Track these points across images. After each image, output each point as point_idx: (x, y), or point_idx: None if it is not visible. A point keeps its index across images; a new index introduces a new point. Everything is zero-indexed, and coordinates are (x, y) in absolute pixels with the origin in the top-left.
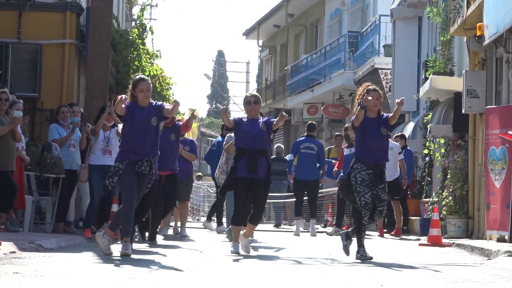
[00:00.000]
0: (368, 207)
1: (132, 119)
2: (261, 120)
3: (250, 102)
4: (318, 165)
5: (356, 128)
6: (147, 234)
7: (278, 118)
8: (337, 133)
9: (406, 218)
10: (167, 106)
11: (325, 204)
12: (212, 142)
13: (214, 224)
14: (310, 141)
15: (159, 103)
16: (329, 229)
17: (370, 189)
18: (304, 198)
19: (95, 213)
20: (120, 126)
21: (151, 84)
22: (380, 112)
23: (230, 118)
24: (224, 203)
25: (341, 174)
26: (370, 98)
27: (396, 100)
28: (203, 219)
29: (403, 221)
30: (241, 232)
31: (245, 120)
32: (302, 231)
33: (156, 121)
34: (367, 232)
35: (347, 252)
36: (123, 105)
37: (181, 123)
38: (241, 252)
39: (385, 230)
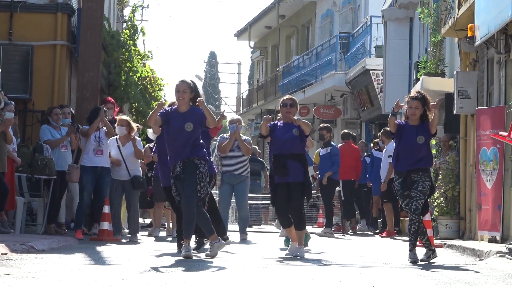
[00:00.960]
0: (417, 212)
1: (167, 124)
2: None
3: (286, 105)
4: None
5: (394, 135)
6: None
7: (301, 123)
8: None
9: (398, 219)
10: (209, 116)
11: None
12: None
13: None
14: None
15: (201, 109)
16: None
17: (405, 198)
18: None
19: (85, 214)
20: (150, 131)
21: (191, 85)
22: (425, 119)
23: (268, 125)
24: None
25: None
26: (401, 104)
27: (431, 104)
28: None
29: (395, 222)
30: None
31: (280, 124)
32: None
33: (192, 127)
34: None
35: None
36: (157, 115)
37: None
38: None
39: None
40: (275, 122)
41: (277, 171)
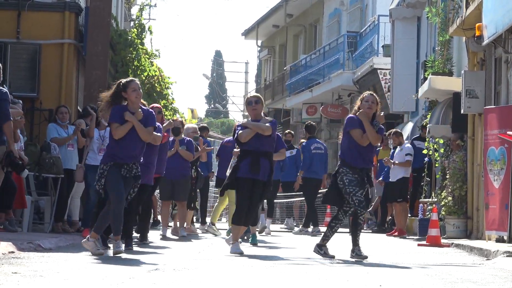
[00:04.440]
0: (362, 205)
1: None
2: (266, 120)
3: (251, 102)
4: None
5: (346, 131)
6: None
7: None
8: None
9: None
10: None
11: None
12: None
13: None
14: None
15: (150, 111)
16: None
17: (360, 188)
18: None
19: (93, 213)
20: None
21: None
22: (374, 117)
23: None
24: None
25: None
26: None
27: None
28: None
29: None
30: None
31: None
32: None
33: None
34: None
35: (330, 256)
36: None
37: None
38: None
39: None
40: (241, 123)
41: (251, 168)
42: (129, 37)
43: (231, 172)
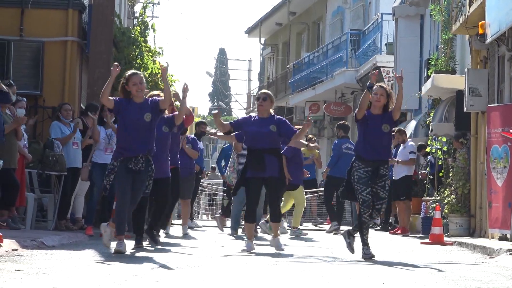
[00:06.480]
0: (366, 204)
1: (124, 115)
2: (275, 118)
3: (259, 98)
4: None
5: (359, 122)
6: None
7: (301, 128)
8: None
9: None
10: (161, 98)
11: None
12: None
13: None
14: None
15: (157, 98)
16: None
17: (368, 186)
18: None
19: (96, 210)
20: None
21: (143, 78)
22: (387, 109)
23: (224, 123)
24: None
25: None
26: (374, 75)
27: (396, 74)
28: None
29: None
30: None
31: (254, 119)
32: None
33: (150, 117)
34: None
35: (351, 249)
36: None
37: (175, 113)
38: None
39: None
40: (248, 116)
41: (254, 166)
42: (132, 35)
43: (241, 172)
